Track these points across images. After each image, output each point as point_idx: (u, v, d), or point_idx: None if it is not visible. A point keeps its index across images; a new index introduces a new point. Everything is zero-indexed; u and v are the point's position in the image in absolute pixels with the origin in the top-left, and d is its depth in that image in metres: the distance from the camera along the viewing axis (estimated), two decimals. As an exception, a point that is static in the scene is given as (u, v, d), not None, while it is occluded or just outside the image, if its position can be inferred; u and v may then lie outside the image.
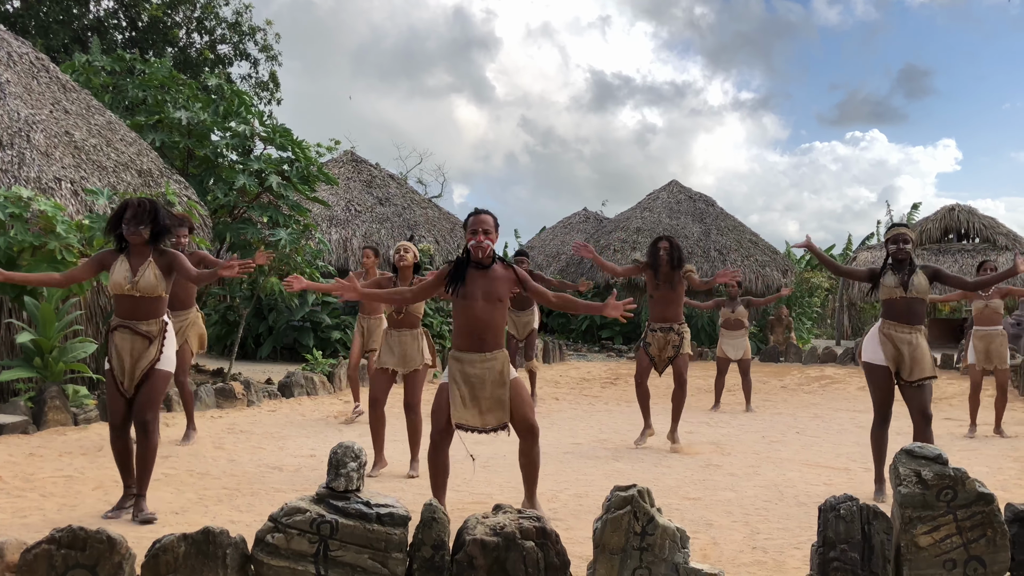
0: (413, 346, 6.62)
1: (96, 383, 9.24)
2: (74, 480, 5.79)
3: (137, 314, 4.96)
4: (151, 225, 4.96)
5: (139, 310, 4.96)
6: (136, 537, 4.31)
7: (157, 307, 5.01)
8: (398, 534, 3.32)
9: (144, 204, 5.00)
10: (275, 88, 27.54)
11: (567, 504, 5.49)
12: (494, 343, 4.83)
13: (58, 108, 10.68)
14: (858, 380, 14.15)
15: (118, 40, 25.00)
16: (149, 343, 4.95)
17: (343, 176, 20.82)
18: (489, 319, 4.79)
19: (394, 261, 6.69)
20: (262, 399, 10.04)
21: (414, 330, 6.66)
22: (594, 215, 31.46)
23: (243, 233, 11.99)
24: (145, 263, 4.95)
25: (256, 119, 13.14)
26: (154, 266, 4.96)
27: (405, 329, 6.63)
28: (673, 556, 3.34)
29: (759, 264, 23.18)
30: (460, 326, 4.86)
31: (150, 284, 4.93)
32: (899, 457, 3.65)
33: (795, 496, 5.83)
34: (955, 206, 25.67)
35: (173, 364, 5.08)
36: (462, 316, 4.83)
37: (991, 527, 3.49)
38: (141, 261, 4.97)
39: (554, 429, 8.84)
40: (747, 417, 10.27)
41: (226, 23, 26.50)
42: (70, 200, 9.32)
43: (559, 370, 15.28)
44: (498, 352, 4.83)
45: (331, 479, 3.39)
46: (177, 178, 11.43)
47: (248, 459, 6.82)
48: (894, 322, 5.98)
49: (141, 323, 4.96)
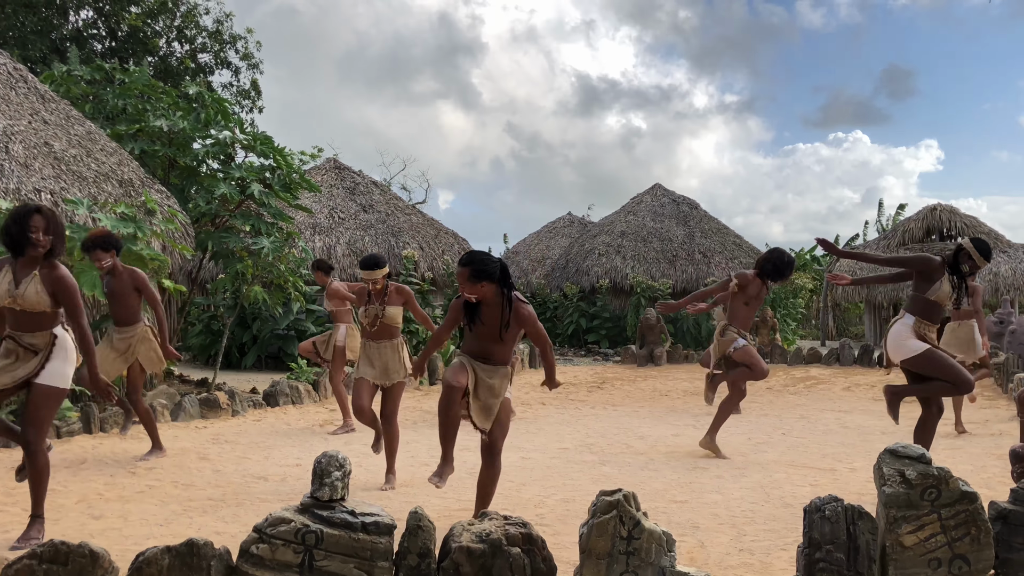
0: (394, 358, 6.45)
1: (79, 395, 9.16)
2: (56, 494, 5.74)
3: (23, 326, 4.68)
4: (54, 237, 4.64)
5: (24, 322, 4.68)
6: (120, 551, 4.28)
7: (44, 321, 4.69)
8: (384, 543, 3.31)
9: (54, 214, 4.68)
10: (257, 96, 27.48)
11: (554, 509, 5.49)
12: (500, 360, 4.94)
13: (37, 119, 10.61)
14: (843, 381, 14.22)
15: (97, 50, 24.86)
16: (34, 355, 4.67)
17: (326, 183, 20.76)
18: (495, 342, 4.92)
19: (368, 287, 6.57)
20: (247, 409, 9.99)
21: (393, 340, 6.49)
22: (579, 219, 31.55)
23: (225, 242, 11.94)
24: (30, 276, 4.62)
25: (237, 127, 13.08)
26: (38, 280, 4.61)
27: (384, 340, 6.46)
28: (660, 560, 3.34)
29: (743, 266, 23.27)
30: (471, 341, 5.00)
31: (32, 299, 4.61)
32: (883, 457, 3.66)
33: (781, 497, 5.84)
34: (937, 206, 25.84)
35: (65, 381, 4.73)
36: (475, 339, 4.96)
37: (975, 525, 3.51)
38: (27, 273, 4.63)
39: (540, 434, 8.84)
40: (733, 419, 10.28)
41: (207, 32, 26.41)
42: (50, 211, 9.25)
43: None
44: (502, 368, 4.93)
45: (316, 489, 3.37)
46: (158, 187, 11.38)
47: (233, 469, 6.78)
48: (929, 323, 5.96)
49: (25, 335, 4.68)
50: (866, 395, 12.55)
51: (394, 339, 6.51)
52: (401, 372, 6.43)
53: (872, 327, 26.01)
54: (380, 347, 6.43)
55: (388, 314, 6.45)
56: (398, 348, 6.48)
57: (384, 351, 6.42)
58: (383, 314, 6.45)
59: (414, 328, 15.41)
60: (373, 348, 6.43)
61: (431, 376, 13.32)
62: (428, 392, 12.35)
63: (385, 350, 6.42)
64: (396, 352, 6.45)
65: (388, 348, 6.43)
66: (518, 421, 9.85)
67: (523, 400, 11.87)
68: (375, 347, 6.43)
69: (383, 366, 6.39)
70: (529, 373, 15.56)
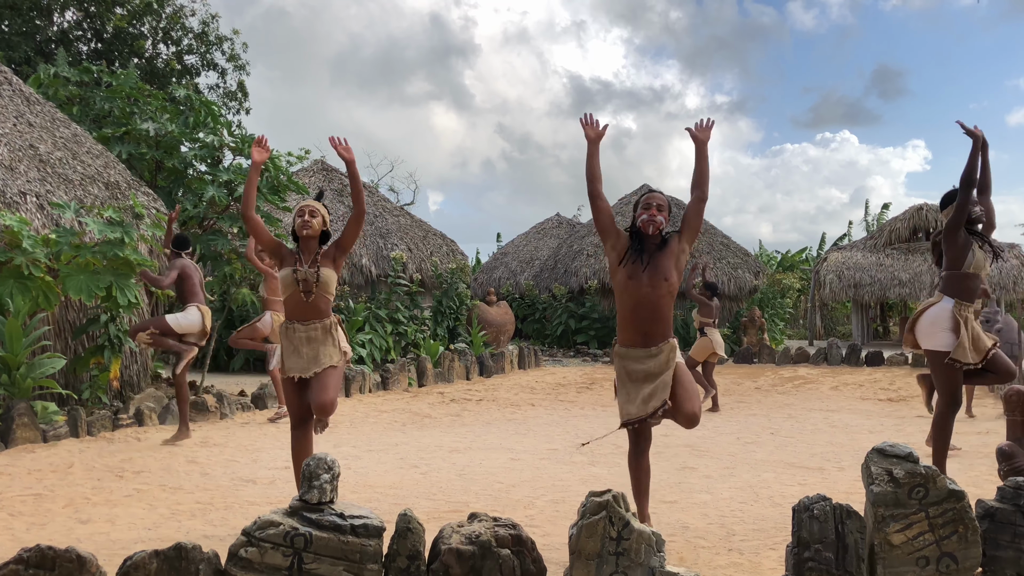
0: (326, 342, 4.95)
1: (66, 399, 9.12)
2: (43, 498, 5.70)
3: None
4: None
5: None
6: (108, 555, 4.26)
7: None
8: (373, 545, 3.30)
9: None
10: (243, 98, 27.38)
11: (543, 510, 5.49)
12: (661, 335, 4.53)
13: (22, 121, 10.55)
14: (831, 380, 14.27)
15: (83, 52, 24.74)
16: None
17: (313, 185, 20.72)
18: (656, 304, 4.53)
19: (295, 228, 5.03)
20: (235, 411, 9.96)
21: (324, 320, 4.97)
22: (567, 220, 31.60)
23: (213, 244, 11.90)
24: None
25: (225, 129, 13.05)
26: None
27: (313, 321, 4.94)
28: (649, 560, 3.34)
29: (731, 266, 23.34)
30: (625, 317, 4.60)
31: None
32: (871, 456, 3.68)
33: (770, 497, 5.86)
34: (923, 205, 25.97)
35: None
36: (627, 304, 4.56)
37: (963, 524, 3.53)
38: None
39: (530, 435, 8.84)
40: (721, 419, 10.31)
41: (193, 33, 26.31)
42: (36, 214, 9.20)
43: (534, 376, 15.29)
44: (664, 344, 4.53)
45: (304, 491, 3.36)
46: (145, 190, 11.33)
47: (222, 472, 6.76)
48: (968, 303, 5.43)
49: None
50: (854, 394, 12.60)
51: (325, 319, 4.99)
52: (334, 355, 4.95)
53: (859, 327, 26.12)
54: (308, 330, 4.92)
55: (322, 278, 4.91)
56: (330, 329, 4.99)
57: (313, 334, 4.93)
58: (317, 279, 4.90)
59: (403, 329, 15.39)
60: (300, 333, 4.93)
61: (420, 378, 13.29)
62: (417, 393, 12.34)
63: (315, 333, 4.93)
64: (328, 335, 4.97)
65: (318, 330, 4.93)
66: (507, 422, 9.86)
67: (512, 401, 11.87)
68: (302, 331, 4.93)
69: (312, 354, 4.91)
70: (518, 374, 15.57)
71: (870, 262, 25.39)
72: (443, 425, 9.64)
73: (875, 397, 12.24)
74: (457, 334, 18.13)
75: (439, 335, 17.50)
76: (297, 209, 5.05)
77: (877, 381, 13.91)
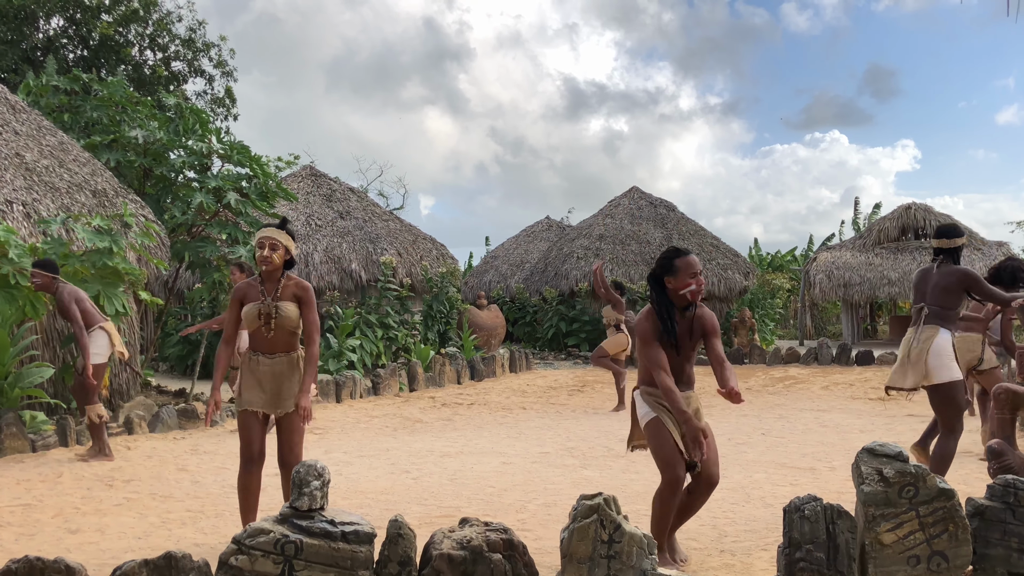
0: (292, 377, 4.80)
1: (54, 408, 9.07)
2: (32, 508, 5.67)
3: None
4: None
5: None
6: (97, 565, 4.24)
7: None
8: (364, 551, 3.29)
9: None
10: (231, 104, 27.34)
11: (535, 514, 5.48)
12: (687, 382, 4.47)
13: (7, 129, 10.50)
14: (821, 380, 14.31)
15: (70, 59, 24.66)
16: None
17: (302, 191, 20.67)
18: (687, 362, 4.47)
19: (256, 261, 4.91)
20: (225, 419, 9.92)
21: (291, 354, 4.84)
22: (557, 223, 31.62)
23: (202, 251, 11.86)
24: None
25: (214, 136, 13.01)
26: None
27: (278, 355, 4.80)
28: (641, 563, 3.34)
29: (721, 267, 23.37)
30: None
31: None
32: (861, 456, 3.69)
33: (762, 498, 5.87)
34: (912, 204, 26.06)
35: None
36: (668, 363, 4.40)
37: (953, 522, 3.54)
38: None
39: (522, 439, 8.83)
40: (712, 419, 10.32)
41: (179, 40, 26.26)
42: (22, 223, 9.16)
43: (526, 379, 15.28)
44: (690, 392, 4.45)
45: (295, 498, 3.35)
46: (133, 197, 11.29)
47: (212, 480, 6.73)
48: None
49: None
50: (844, 394, 12.64)
51: (291, 352, 4.84)
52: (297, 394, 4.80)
53: (849, 326, 26.19)
54: (273, 364, 4.78)
55: (282, 313, 4.77)
56: (296, 364, 4.83)
57: (278, 368, 4.78)
58: (276, 313, 4.76)
59: (393, 334, 15.36)
60: (265, 366, 4.79)
61: (411, 382, 13.27)
62: (408, 398, 12.32)
63: (280, 367, 4.78)
64: (294, 370, 4.82)
65: (283, 364, 4.79)
66: (498, 426, 9.85)
67: (503, 405, 11.87)
68: (267, 364, 4.79)
69: (275, 390, 4.77)
70: (509, 378, 15.56)
71: (859, 262, 25.46)
72: (434, 430, 9.63)
73: (865, 396, 12.27)
74: (448, 338, 18.10)
75: (430, 339, 17.47)
76: (257, 240, 4.93)
77: (867, 380, 13.96)
